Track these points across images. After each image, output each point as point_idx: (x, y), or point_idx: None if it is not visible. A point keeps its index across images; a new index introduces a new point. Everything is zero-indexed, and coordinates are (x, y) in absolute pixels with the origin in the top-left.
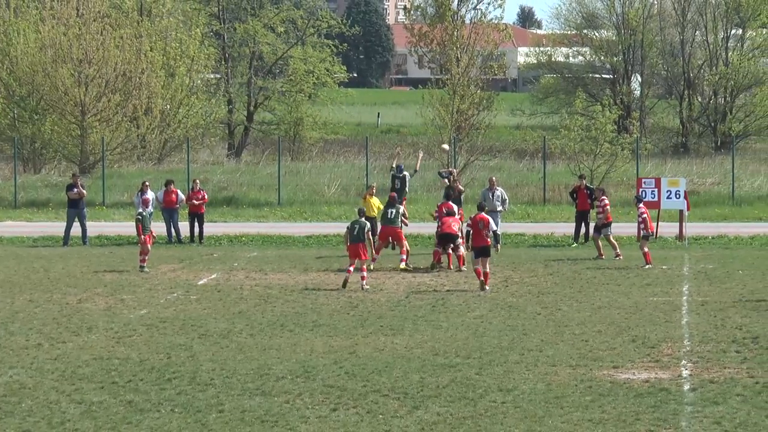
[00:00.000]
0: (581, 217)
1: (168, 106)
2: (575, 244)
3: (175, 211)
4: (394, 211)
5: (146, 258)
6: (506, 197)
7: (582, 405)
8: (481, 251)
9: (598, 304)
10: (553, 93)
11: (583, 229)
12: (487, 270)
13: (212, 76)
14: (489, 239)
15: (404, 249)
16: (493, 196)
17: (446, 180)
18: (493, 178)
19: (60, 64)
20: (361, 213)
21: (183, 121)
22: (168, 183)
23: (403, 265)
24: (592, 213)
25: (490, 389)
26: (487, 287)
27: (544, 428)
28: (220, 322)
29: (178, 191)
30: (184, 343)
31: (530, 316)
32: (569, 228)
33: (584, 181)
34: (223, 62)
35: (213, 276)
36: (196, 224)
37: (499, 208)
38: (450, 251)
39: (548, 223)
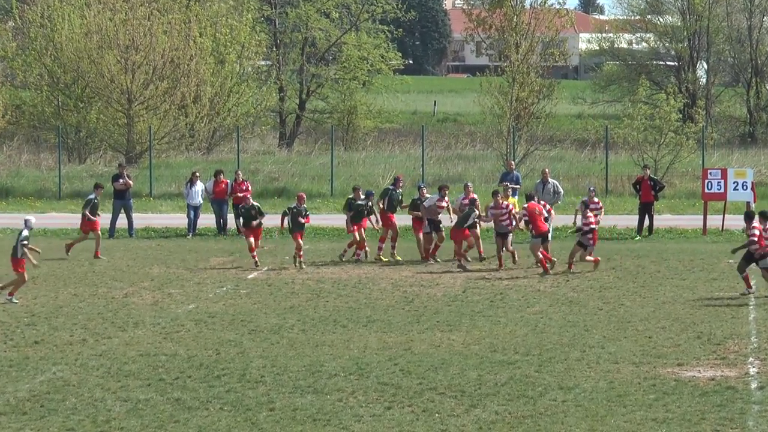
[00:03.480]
0: (644, 209)
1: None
2: (638, 237)
3: (225, 203)
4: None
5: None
6: (560, 189)
7: (645, 404)
8: (542, 236)
9: (662, 300)
10: (615, 81)
11: (646, 222)
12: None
13: (263, 63)
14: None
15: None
16: (544, 188)
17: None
18: (546, 170)
19: (106, 51)
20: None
21: (233, 110)
22: (217, 173)
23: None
24: (656, 204)
25: (550, 387)
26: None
27: (606, 428)
28: (270, 317)
29: (216, 182)
30: (234, 339)
31: (592, 311)
32: (632, 221)
33: (648, 172)
34: (274, 49)
35: (264, 269)
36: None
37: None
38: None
39: (610, 215)
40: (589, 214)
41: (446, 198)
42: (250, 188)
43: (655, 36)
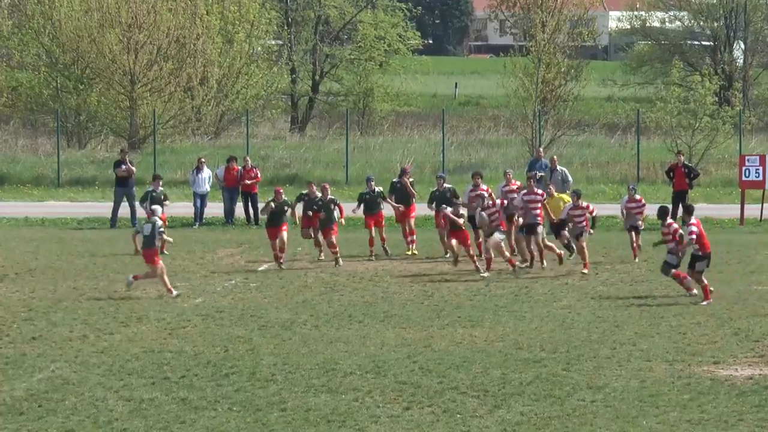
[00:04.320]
0: (678, 198)
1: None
2: None
3: (236, 191)
4: None
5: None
6: (569, 177)
7: (679, 404)
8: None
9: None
10: (647, 62)
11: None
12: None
13: (274, 42)
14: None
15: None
16: (552, 176)
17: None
18: (555, 158)
19: (107, 29)
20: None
21: (242, 92)
22: (230, 159)
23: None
24: (691, 193)
25: (579, 387)
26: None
27: (637, 429)
28: (282, 312)
29: (228, 169)
30: (243, 335)
31: (622, 306)
32: None
33: (682, 158)
34: (285, 27)
35: (273, 262)
36: (250, 205)
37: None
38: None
39: None
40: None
41: (481, 186)
42: (259, 175)
43: (689, 14)
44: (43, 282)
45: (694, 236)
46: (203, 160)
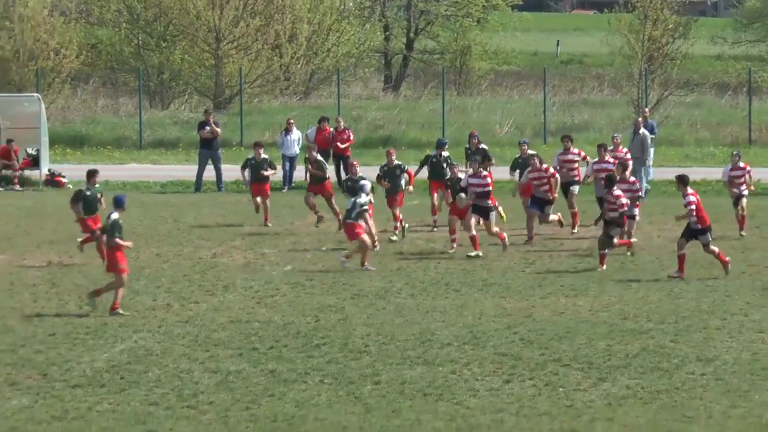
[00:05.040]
0: None
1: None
2: None
3: (327, 153)
4: None
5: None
6: (650, 144)
7: None
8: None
9: None
10: (759, 18)
11: None
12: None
13: None
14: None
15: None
16: (634, 138)
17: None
18: (639, 119)
19: None
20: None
21: (332, 50)
22: (321, 120)
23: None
24: None
25: (688, 359)
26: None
27: (749, 404)
28: (375, 280)
29: (319, 129)
30: (335, 304)
31: (733, 275)
32: None
33: None
34: None
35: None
36: (342, 169)
37: None
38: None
39: (754, 168)
40: None
41: (572, 149)
42: (352, 137)
43: None
44: (125, 248)
45: (693, 207)
46: (292, 121)
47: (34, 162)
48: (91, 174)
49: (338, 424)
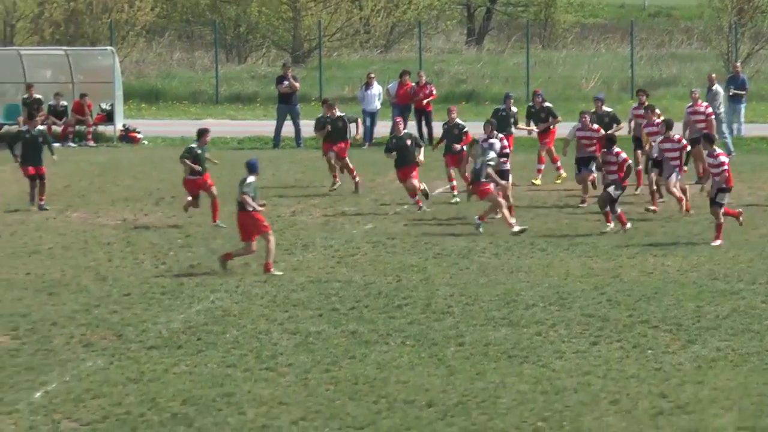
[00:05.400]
0: None
1: None
2: None
3: (408, 108)
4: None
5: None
6: (720, 101)
7: None
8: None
9: None
10: None
11: None
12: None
13: None
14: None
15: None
16: (708, 94)
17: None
18: (713, 75)
19: None
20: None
21: (414, 2)
22: (403, 74)
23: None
24: None
25: None
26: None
27: None
28: (459, 239)
29: (401, 84)
30: (417, 264)
31: None
32: None
33: None
34: None
35: (447, 186)
36: (424, 125)
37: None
38: None
39: None
40: None
41: (646, 103)
42: (434, 92)
43: None
44: (202, 206)
45: (726, 167)
46: (373, 75)
47: (108, 117)
48: (202, 133)
49: (420, 386)
